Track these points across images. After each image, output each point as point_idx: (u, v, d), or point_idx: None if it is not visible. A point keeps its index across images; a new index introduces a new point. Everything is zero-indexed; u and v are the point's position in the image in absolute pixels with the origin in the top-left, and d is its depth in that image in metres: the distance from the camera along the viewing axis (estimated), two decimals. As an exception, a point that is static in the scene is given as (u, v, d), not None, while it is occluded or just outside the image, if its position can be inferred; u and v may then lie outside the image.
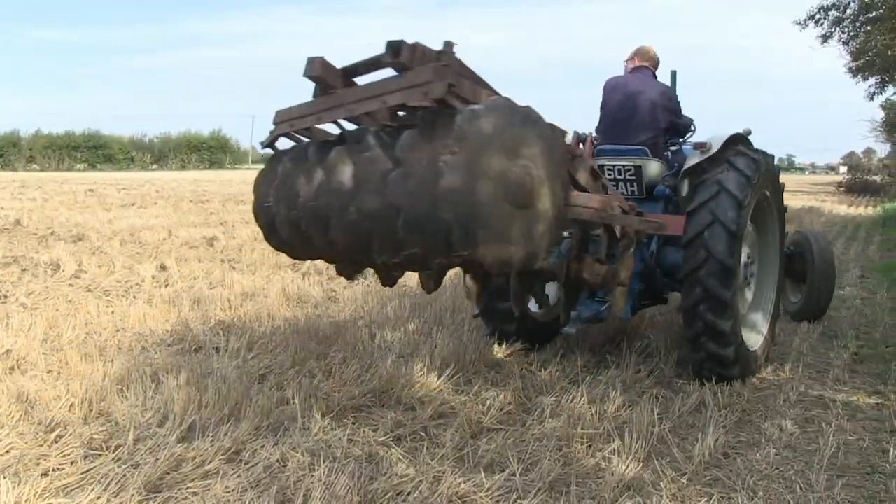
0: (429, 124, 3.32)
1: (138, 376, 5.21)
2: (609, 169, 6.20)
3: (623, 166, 6.17)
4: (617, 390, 5.23)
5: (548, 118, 3.65)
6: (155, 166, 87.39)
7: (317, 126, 3.99)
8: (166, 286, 8.79)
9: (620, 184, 6.18)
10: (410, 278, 9.35)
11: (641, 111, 6.28)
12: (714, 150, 5.76)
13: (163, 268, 9.83)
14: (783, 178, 6.49)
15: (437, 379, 5.36)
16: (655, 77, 6.57)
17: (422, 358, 5.81)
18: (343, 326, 6.65)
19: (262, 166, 4.30)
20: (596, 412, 4.85)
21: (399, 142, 3.35)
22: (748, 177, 5.53)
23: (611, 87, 6.47)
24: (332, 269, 9.91)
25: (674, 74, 7.23)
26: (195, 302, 7.66)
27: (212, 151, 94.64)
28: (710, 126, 6.76)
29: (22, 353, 5.70)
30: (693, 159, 5.85)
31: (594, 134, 6.49)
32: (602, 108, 6.46)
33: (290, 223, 3.86)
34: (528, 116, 3.47)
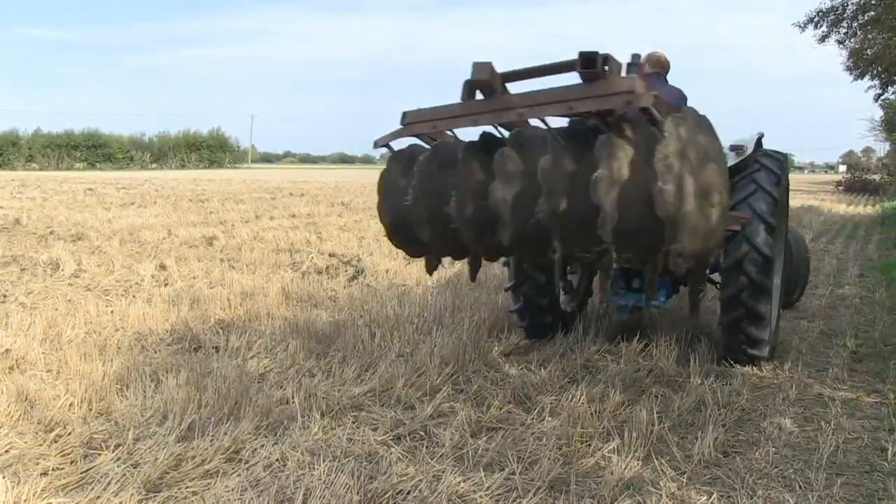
0: (620, 129, 3.55)
1: (138, 375, 5.21)
2: None
3: None
4: (616, 389, 5.23)
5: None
6: (154, 165, 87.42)
7: (446, 130, 4.20)
8: (166, 285, 8.78)
9: None
10: (409, 278, 9.36)
11: None
12: (749, 151, 6.08)
13: (162, 267, 9.82)
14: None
15: (437, 378, 5.36)
16: (667, 81, 6.69)
17: (421, 357, 5.80)
18: (343, 326, 6.65)
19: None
20: (595, 411, 4.85)
21: (596, 145, 3.52)
22: (778, 175, 5.96)
23: None
24: (332, 268, 9.95)
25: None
26: (194, 301, 7.65)
27: (211, 150, 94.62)
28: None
29: (21, 353, 5.69)
30: (730, 160, 6.04)
31: None
32: None
33: (436, 222, 4.01)
34: (710, 125, 3.73)
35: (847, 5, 22.84)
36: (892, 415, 4.98)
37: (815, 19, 23.61)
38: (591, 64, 3.52)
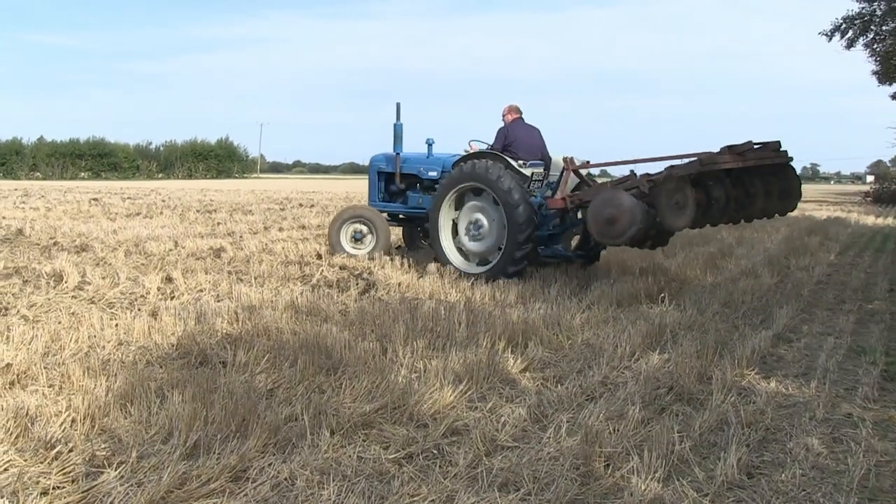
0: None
1: (142, 391, 5.21)
2: (537, 175, 11.07)
3: (541, 172, 11.16)
4: (636, 406, 5.20)
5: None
6: (161, 175, 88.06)
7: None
8: (172, 298, 8.80)
9: (538, 182, 11.11)
10: (422, 291, 9.35)
11: (540, 142, 11.43)
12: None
13: (168, 279, 9.84)
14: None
15: (450, 394, 5.34)
16: (524, 121, 11.50)
17: (434, 373, 5.79)
18: (353, 340, 6.64)
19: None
20: (614, 429, 4.82)
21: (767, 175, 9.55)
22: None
23: (515, 129, 11.19)
24: (343, 282, 9.93)
25: (398, 106, 12.58)
26: (201, 315, 7.67)
27: (219, 160, 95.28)
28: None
29: (22, 367, 5.71)
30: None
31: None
32: (514, 140, 11.07)
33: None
34: None
35: (875, 11, 22.76)
36: (925, 435, 4.93)
37: (843, 26, 23.54)
38: (779, 146, 9.23)
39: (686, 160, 8.99)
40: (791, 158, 9.49)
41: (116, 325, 7.22)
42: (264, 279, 10.18)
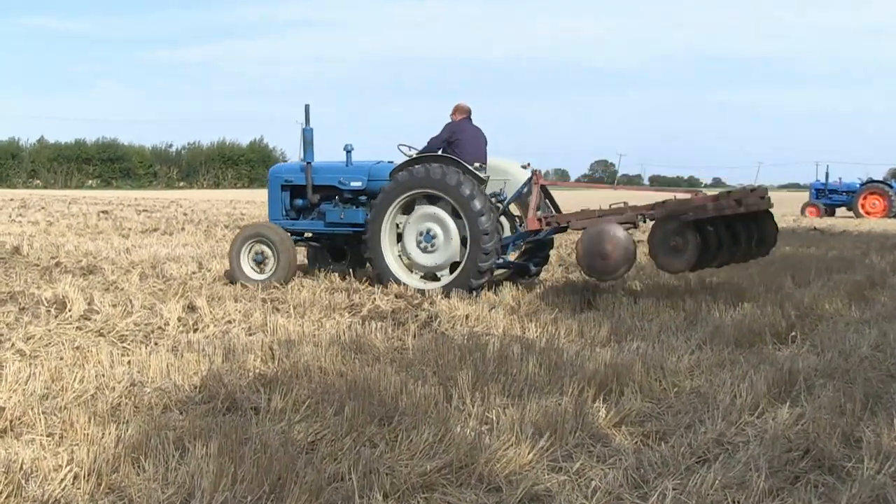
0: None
1: (158, 442, 5.26)
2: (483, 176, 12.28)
3: (485, 174, 12.38)
4: (761, 473, 5.08)
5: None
6: (182, 183, 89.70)
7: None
8: (195, 331, 8.92)
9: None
10: (494, 326, 9.33)
11: (484, 144, 12.92)
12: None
13: (191, 308, 9.98)
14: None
15: (529, 452, 5.30)
16: (472, 122, 12.93)
17: (509, 425, 5.76)
18: (412, 384, 6.64)
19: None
20: (733, 500, 4.72)
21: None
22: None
23: (462, 128, 12.57)
24: (399, 313, 9.99)
25: (307, 108, 13.56)
26: (230, 351, 7.75)
27: (252, 165, 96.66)
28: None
29: (17, 412, 5.80)
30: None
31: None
32: (460, 139, 12.36)
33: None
34: None
35: None
36: None
37: None
38: (765, 192, 11.17)
39: (678, 195, 11.47)
40: (772, 205, 11.35)
41: (129, 362, 7.33)
42: (305, 309, 10.27)
